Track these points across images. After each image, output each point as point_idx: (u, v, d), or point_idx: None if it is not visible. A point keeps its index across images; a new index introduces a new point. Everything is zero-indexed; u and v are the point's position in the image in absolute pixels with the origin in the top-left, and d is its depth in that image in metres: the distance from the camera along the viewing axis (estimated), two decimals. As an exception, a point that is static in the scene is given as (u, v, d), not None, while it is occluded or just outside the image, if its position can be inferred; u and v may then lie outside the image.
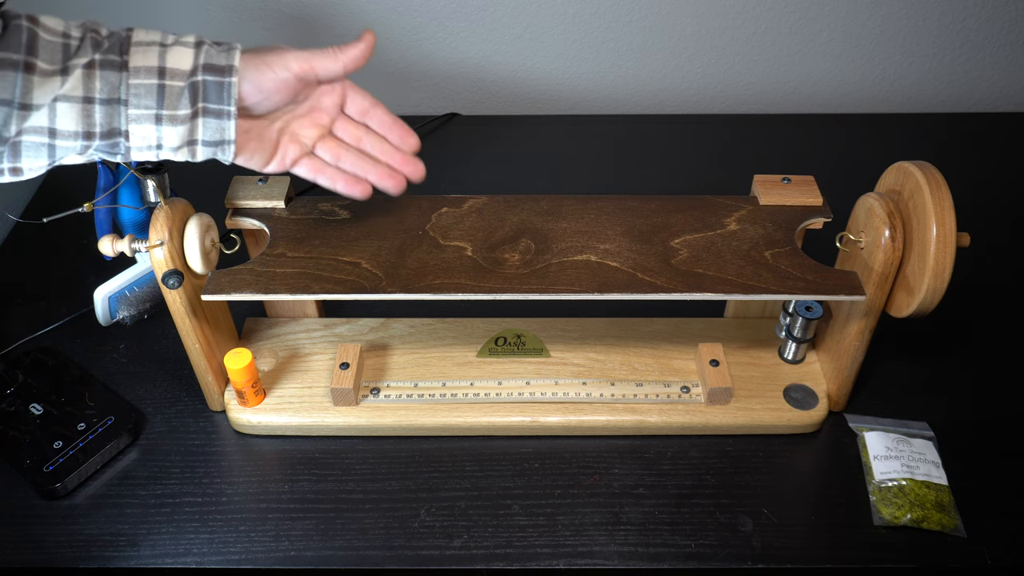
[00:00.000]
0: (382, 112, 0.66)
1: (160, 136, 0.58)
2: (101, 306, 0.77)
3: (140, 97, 0.56)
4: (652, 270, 0.67)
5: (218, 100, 0.58)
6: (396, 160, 0.67)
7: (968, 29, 1.10)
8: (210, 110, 0.58)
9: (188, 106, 0.57)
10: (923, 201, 0.61)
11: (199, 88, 0.57)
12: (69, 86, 0.55)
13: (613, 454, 0.72)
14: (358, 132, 0.66)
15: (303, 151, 0.65)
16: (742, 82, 1.15)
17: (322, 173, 0.66)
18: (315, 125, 0.65)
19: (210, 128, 0.59)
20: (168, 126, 0.57)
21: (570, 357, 0.78)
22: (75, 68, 0.55)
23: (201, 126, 0.59)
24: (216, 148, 0.60)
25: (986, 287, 0.87)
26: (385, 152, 0.67)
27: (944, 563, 0.65)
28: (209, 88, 0.58)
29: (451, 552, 0.66)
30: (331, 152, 0.66)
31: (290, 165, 0.65)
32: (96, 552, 0.66)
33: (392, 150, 0.67)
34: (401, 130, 0.67)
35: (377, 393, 0.74)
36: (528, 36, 1.09)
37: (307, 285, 0.66)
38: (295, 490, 0.70)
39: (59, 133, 0.56)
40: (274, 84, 0.60)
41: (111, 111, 0.56)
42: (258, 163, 0.63)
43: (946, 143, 1.09)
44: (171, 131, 0.58)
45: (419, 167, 0.67)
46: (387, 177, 0.67)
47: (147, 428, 0.74)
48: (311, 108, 0.65)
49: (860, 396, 0.76)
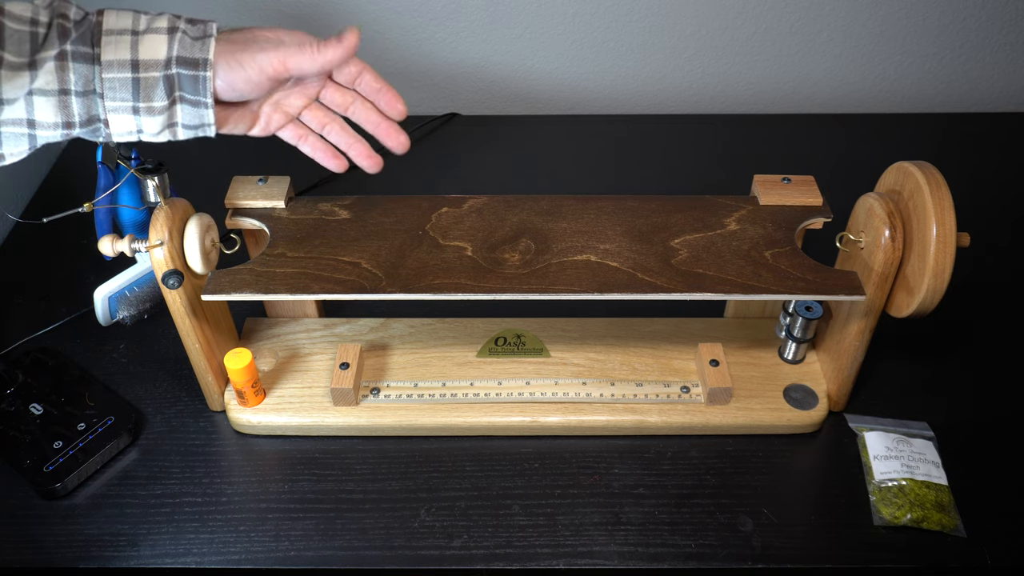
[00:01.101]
0: (371, 77, 0.66)
1: (140, 124, 0.58)
2: (101, 306, 0.77)
3: (115, 91, 0.56)
4: (652, 270, 0.67)
5: (194, 92, 0.58)
6: (382, 130, 0.67)
7: (968, 29, 1.10)
8: (187, 99, 0.58)
9: (165, 97, 0.57)
10: (923, 201, 0.61)
11: (174, 80, 0.57)
12: (43, 80, 0.55)
13: (613, 454, 0.72)
14: (346, 100, 0.66)
15: (288, 120, 0.66)
16: (742, 82, 1.15)
17: (305, 141, 0.67)
18: (302, 96, 0.65)
19: (188, 114, 0.59)
20: (147, 116, 0.58)
21: (570, 357, 0.78)
22: (45, 61, 0.54)
23: (180, 112, 0.59)
24: (196, 130, 0.61)
25: (986, 287, 0.87)
26: (371, 122, 0.67)
27: (944, 563, 0.65)
28: (184, 81, 0.58)
29: (451, 552, 0.66)
30: (317, 121, 0.67)
31: (275, 130, 0.66)
32: (96, 552, 0.66)
33: (378, 119, 0.67)
34: (389, 95, 0.67)
35: (377, 393, 0.74)
36: (528, 36, 1.09)
37: (307, 285, 0.66)
38: (295, 490, 0.70)
39: (39, 124, 0.56)
40: (247, 85, 0.60)
41: (88, 102, 0.56)
42: (240, 131, 0.64)
43: (946, 143, 1.09)
44: (150, 120, 0.58)
45: (403, 139, 0.68)
46: (366, 156, 0.68)
47: (147, 428, 0.74)
48: (297, 81, 0.65)
49: (860, 396, 0.76)
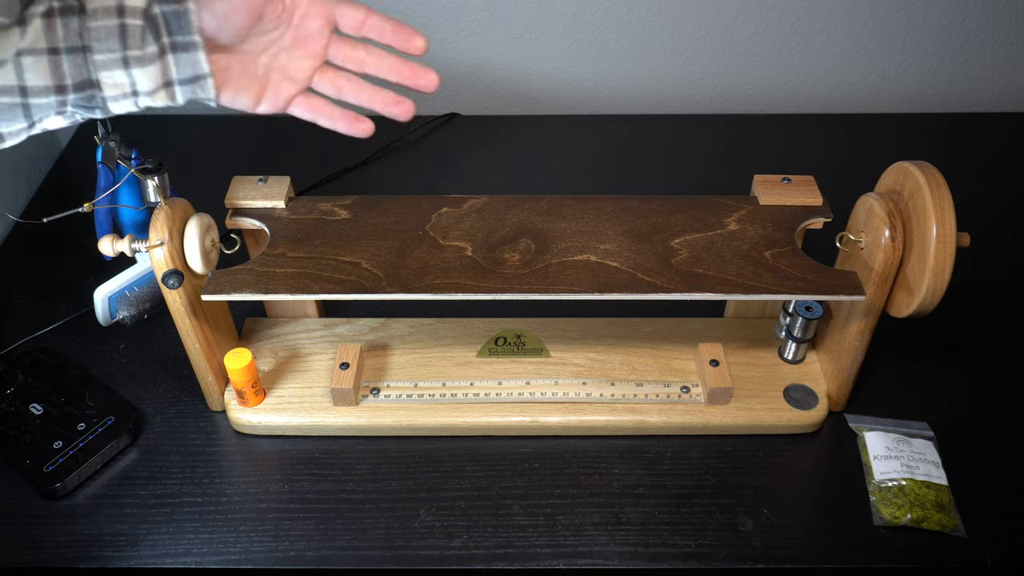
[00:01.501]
0: (378, 19, 0.60)
1: (133, 80, 0.56)
2: (101, 306, 0.77)
3: (102, 40, 0.55)
4: (652, 270, 0.67)
5: (180, 31, 0.55)
6: (405, 75, 0.62)
7: (968, 29, 1.10)
8: (177, 44, 0.56)
9: (153, 42, 0.55)
10: (923, 201, 0.61)
11: (158, 21, 0.55)
12: (31, 38, 0.53)
13: (613, 454, 0.72)
14: (358, 54, 0.62)
15: (298, 88, 0.61)
16: (742, 82, 1.15)
17: (320, 113, 0.62)
18: (307, 56, 0.61)
19: (182, 64, 0.56)
20: (137, 68, 0.55)
21: (570, 357, 0.78)
22: (33, 18, 0.53)
23: (172, 64, 0.56)
24: (194, 86, 0.57)
25: (986, 287, 0.87)
26: (392, 69, 0.62)
27: (944, 563, 0.65)
28: (169, 20, 0.55)
29: (451, 552, 0.66)
30: (331, 84, 0.62)
31: (284, 105, 0.61)
32: (96, 552, 0.66)
33: (399, 65, 0.62)
34: (404, 32, 0.61)
35: (377, 393, 0.74)
36: (528, 36, 1.09)
37: (307, 285, 0.66)
38: (295, 490, 0.70)
39: (30, 91, 0.54)
40: (228, 4, 0.56)
41: (78, 60, 0.55)
42: (247, 102, 0.60)
43: (946, 143, 1.09)
44: (141, 73, 0.56)
45: (431, 77, 0.62)
46: (393, 104, 0.63)
47: (147, 428, 0.74)
48: (298, 36, 0.60)
49: (860, 396, 0.76)
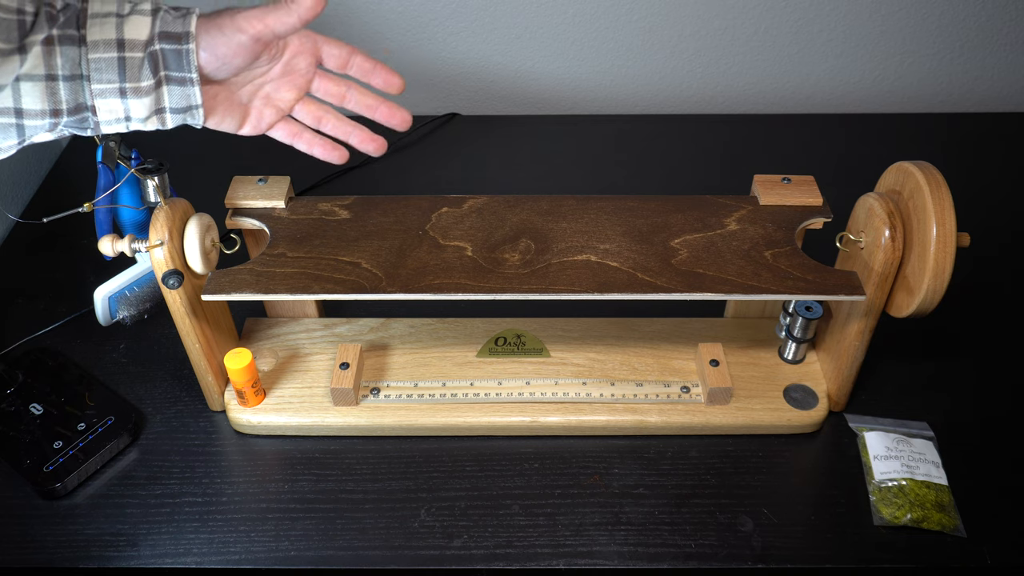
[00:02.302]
0: (361, 59, 0.64)
1: (127, 109, 0.57)
2: (101, 306, 0.77)
3: (102, 72, 0.56)
4: (652, 270, 0.67)
5: (179, 68, 0.57)
6: (382, 111, 0.66)
7: (968, 29, 1.10)
8: (173, 78, 0.57)
9: (150, 77, 0.57)
10: (923, 201, 0.61)
11: (158, 57, 0.57)
12: (30, 64, 0.54)
13: (613, 454, 0.72)
14: (340, 89, 0.65)
15: (280, 116, 0.64)
16: (742, 82, 1.15)
17: (299, 138, 0.66)
18: (292, 88, 0.64)
19: (175, 95, 0.58)
20: (134, 98, 0.57)
21: (570, 357, 0.78)
22: (33, 45, 0.54)
23: (167, 95, 0.58)
24: (185, 114, 0.59)
25: (986, 287, 0.87)
26: (370, 105, 0.66)
27: (944, 563, 0.65)
28: (168, 57, 0.57)
29: (451, 552, 0.66)
30: (311, 115, 0.66)
31: (265, 129, 0.64)
32: (96, 552, 0.66)
33: (376, 101, 0.66)
34: (384, 73, 0.65)
35: (377, 393, 0.74)
36: (528, 36, 1.09)
37: (307, 285, 0.66)
38: (295, 490, 0.70)
39: (26, 113, 0.55)
40: (229, 48, 0.59)
41: (75, 87, 0.56)
42: (231, 126, 0.63)
43: (946, 143, 1.09)
44: (137, 103, 0.57)
45: (405, 115, 0.66)
46: (368, 140, 0.67)
47: (147, 428, 0.74)
48: (285, 70, 0.63)
49: (860, 396, 0.76)
